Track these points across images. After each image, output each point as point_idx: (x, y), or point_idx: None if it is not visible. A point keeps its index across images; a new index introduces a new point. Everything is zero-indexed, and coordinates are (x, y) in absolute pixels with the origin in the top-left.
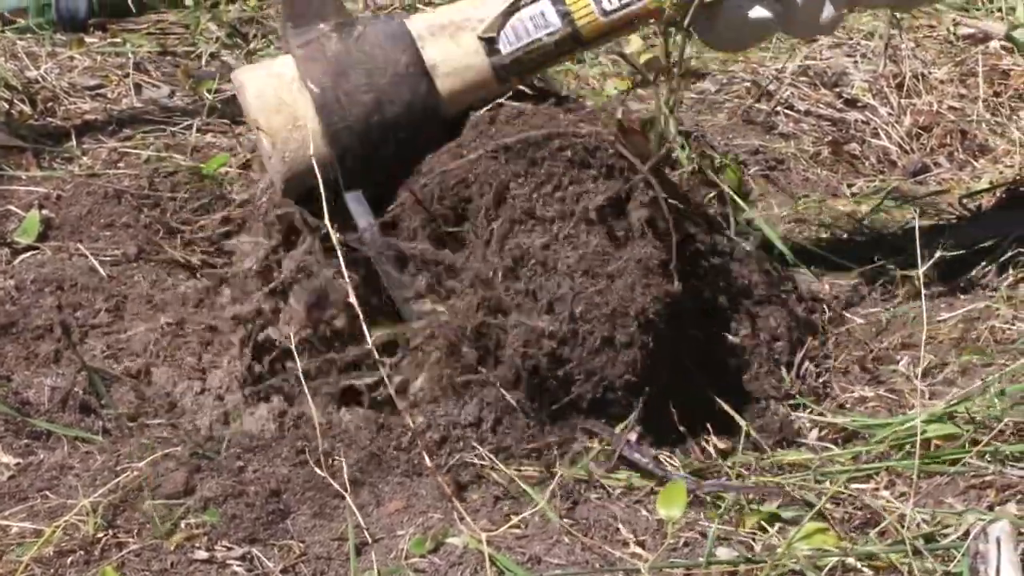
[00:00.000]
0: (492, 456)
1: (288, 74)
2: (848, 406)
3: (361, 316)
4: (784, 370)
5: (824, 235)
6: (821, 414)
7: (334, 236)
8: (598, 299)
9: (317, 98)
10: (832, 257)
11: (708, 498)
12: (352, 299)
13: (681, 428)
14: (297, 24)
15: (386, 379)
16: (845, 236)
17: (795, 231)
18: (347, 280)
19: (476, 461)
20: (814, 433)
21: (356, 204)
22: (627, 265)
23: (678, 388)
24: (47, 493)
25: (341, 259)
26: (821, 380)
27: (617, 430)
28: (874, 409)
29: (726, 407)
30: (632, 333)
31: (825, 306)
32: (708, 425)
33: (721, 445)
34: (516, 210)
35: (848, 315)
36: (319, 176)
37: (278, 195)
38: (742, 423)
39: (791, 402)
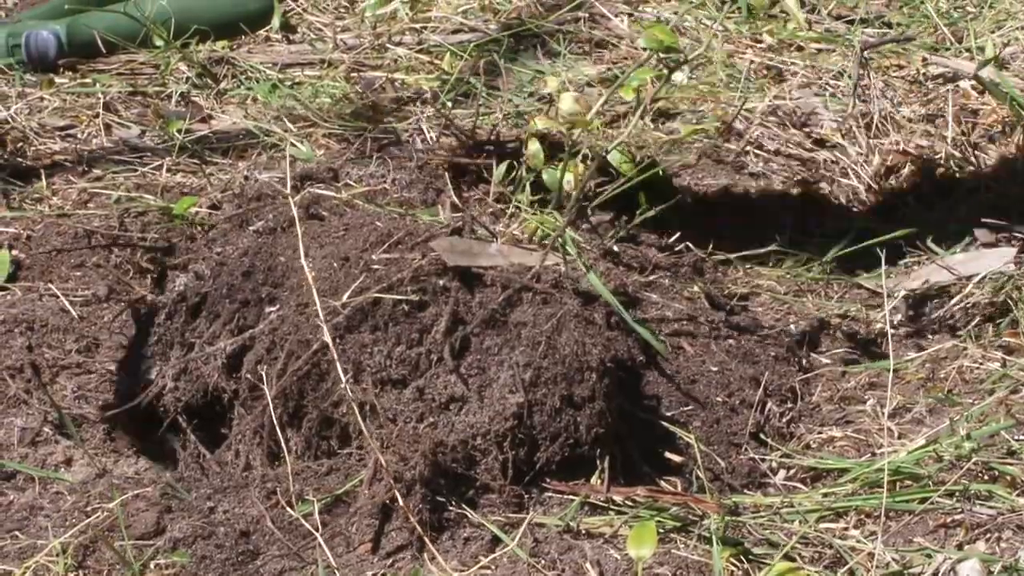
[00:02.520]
0: (462, 503)
1: None
2: (815, 446)
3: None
4: (750, 411)
5: (792, 274)
6: (788, 455)
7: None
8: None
9: None
10: (800, 297)
11: (679, 537)
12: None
13: (646, 468)
14: None
15: (364, 430)
16: (813, 275)
17: (762, 271)
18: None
19: (447, 504)
20: (781, 474)
21: None
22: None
23: (641, 432)
24: (17, 534)
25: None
26: (787, 420)
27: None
28: (842, 449)
29: (699, 445)
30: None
31: (792, 346)
32: (671, 467)
33: (684, 486)
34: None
35: (815, 355)
36: None
37: None
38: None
39: (758, 443)
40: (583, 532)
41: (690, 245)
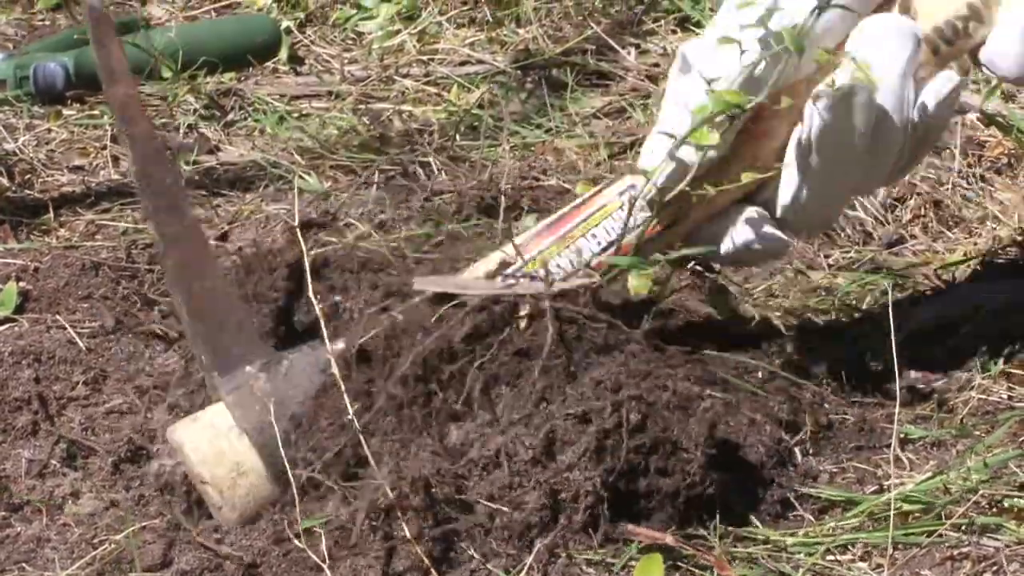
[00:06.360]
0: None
1: (222, 423)
2: (822, 478)
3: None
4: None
5: (799, 306)
6: (796, 486)
7: None
8: None
9: (256, 441)
10: (806, 328)
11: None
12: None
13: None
14: (223, 371)
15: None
16: (820, 307)
17: (770, 303)
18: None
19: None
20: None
21: None
22: None
23: None
24: (24, 566)
25: None
26: (788, 449)
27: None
28: (848, 481)
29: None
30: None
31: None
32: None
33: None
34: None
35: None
36: None
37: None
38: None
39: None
40: (590, 564)
41: (699, 267)
